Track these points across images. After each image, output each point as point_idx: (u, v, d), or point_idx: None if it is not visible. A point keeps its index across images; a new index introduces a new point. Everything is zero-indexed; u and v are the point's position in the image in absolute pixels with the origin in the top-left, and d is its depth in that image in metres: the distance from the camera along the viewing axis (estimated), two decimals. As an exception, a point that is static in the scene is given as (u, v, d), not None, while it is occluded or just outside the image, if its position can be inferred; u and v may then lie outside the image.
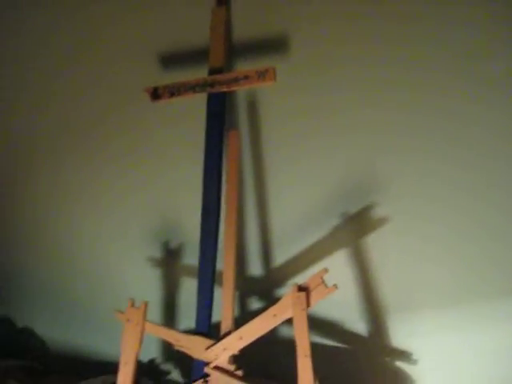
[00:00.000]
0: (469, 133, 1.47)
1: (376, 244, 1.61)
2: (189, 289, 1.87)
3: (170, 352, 2.01)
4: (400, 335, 1.64)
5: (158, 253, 1.96)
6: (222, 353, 1.46)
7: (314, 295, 1.33)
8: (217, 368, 1.47)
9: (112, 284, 2.07)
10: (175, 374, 2.02)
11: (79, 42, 1.96)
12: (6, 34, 2.11)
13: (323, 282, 1.32)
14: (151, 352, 2.03)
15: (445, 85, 1.48)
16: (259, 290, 1.82)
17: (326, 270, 1.33)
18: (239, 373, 1.46)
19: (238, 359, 1.50)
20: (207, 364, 1.49)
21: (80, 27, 1.95)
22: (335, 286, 1.31)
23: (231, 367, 1.47)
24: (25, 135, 2.18)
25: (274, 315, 1.38)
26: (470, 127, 1.47)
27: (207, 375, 1.48)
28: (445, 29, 1.45)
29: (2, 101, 2.21)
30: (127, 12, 1.83)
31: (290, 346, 1.37)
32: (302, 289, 1.34)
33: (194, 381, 1.51)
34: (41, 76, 2.08)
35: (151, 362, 2.04)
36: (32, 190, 2.21)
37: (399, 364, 1.63)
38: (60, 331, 2.26)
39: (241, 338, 1.43)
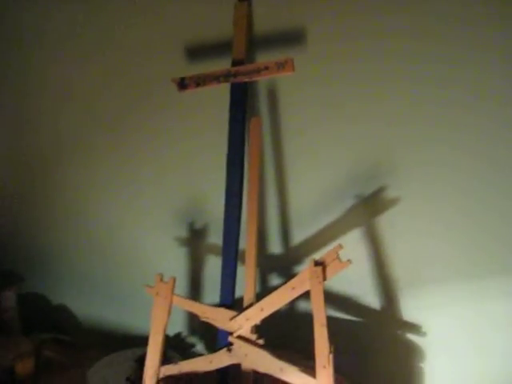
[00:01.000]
0: (474, 121, 1.54)
1: (387, 223, 1.70)
2: (213, 266, 1.98)
3: (194, 326, 2.13)
4: (410, 309, 1.72)
5: (184, 233, 2.07)
6: (244, 323, 1.57)
7: (329, 269, 1.42)
8: (240, 337, 1.57)
9: (140, 263, 2.19)
10: (200, 347, 2.13)
11: (107, 36, 2.08)
12: (30, 27, 2.25)
13: (338, 257, 1.41)
14: (177, 327, 2.14)
15: (453, 77, 1.55)
16: (279, 267, 1.91)
17: (340, 246, 1.42)
18: (260, 341, 1.56)
19: (260, 329, 1.60)
20: (231, 334, 1.59)
21: (106, 22, 2.07)
22: (349, 260, 1.40)
23: (253, 336, 1.57)
24: (53, 127, 2.32)
25: (293, 288, 1.48)
26: (476, 116, 1.54)
27: (231, 344, 1.58)
28: (454, 24, 1.52)
29: (29, 96, 2.34)
30: (154, 7, 1.94)
31: (307, 320, 1.45)
32: (318, 263, 1.43)
33: (219, 349, 1.61)
34: (67, 68, 2.21)
35: (177, 335, 2.15)
36: (62, 178, 2.36)
37: (409, 336, 1.72)
38: (91, 307, 2.38)
39: (262, 310, 1.54)
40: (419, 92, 1.60)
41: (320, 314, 1.41)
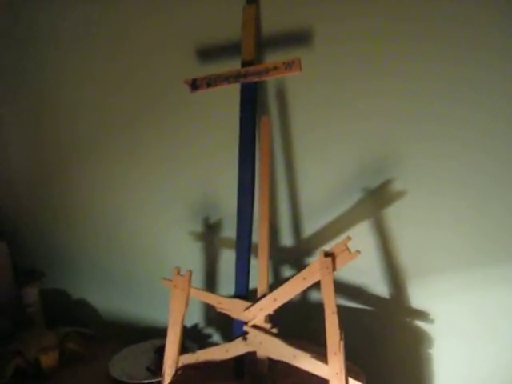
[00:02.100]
0: (481, 118, 1.57)
1: (394, 215, 1.74)
2: (227, 259, 2.04)
3: (210, 317, 2.20)
4: (418, 297, 1.76)
5: (199, 227, 2.13)
6: (258, 313, 1.63)
7: (339, 260, 1.48)
8: (254, 326, 1.64)
9: (158, 257, 2.26)
10: (216, 337, 2.21)
11: (120, 37, 2.16)
12: (45, 27, 2.33)
13: (347, 248, 1.47)
14: (194, 318, 2.22)
15: (457, 76, 1.59)
16: (290, 259, 1.97)
17: (349, 238, 1.47)
18: (274, 330, 1.63)
19: (273, 319, 1.66)
20: (246, 323, 1.65)
21: (119, 23, 2.14)
22: (358, 251, 1.45)
23: (267, 325, 1.63)
24: (69, 128, 2.41)
25: (304, 278, 1.53)
26: (482, 113, 1.57)
27: (246, 333, 1.64)
28: (460, 23, 1.55)
29: (45, 97, 2.43)
30: (165, 10, 2.00)
31: (318, 310, 1.51)
32: (328, 255, 1.48)
33: (235, 338, 1.67)
34: (83, 69, 2.29)
35: (194, 326, 2.22)
36: (80, 177, 2.44)
37: (418, 323, 1.77)
38: (111, 301, 2.47)
39: (275, 300, 1.60)
40: (426, 89, 1.64)
41: (330, 302, 1.47)
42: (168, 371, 1.69)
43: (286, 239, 1.97)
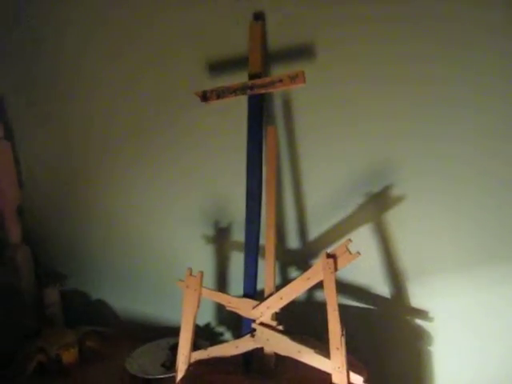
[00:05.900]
0: (485, 120, 1.63)
1: (396, 217, 1.81)
2: (236, 261, 2.14)
3: (222, 317, 2.29)
4: (418, 296, 1.83)
5: (209, 231, 2.22)
6: (265, 311, 1.72)
7: (340, 261, 1.55)
8: (262, 324, 1.72)
9: (170, 259, 2.36)
10: (227, 336, 2.29)
11: (134, 40, 2.25)
12: (50, 35, 2.44)
13: (348, 249, 1.54)
14: (206, 317, 2.31)
15: (456, 79, 1.65)
16: (296, 260, 2.05)
17: (350, 240, 1.54)
18: (280, 327, 1.71)
19: (280, 316, 1.75)
20: (254, 321, 1.74)
21: (131, 30, 2.24)
22: (358, 253, 1.53)
23: (274, 323, 1.72)
24: (82, 133, 2.51)
25: (308, 278, 1.62)
26: (486, 115, 1.63)
27: (254, 330, 1.73)
28: (459, 25, 1.61)
29: (59, 100, 2.54)
30: (177, 25, 2.12)
31: (322, 308, 1.58)
32: (330, 256, 1.56)
33: (244, 335, 1.76)
34: (94, 75, 2.39)
35: (206, 325, 2.32)
36: (93, 182, 2.54)
37: (418, 322, 1.84)
38: (127, 302, 2.57)
39: (281, 298, 1.68)
40: (426, 94, 1.70)
41: (332, 300, 1.56)
42: (181, 367, 1.79)
43: (292, 242, 2.05)
